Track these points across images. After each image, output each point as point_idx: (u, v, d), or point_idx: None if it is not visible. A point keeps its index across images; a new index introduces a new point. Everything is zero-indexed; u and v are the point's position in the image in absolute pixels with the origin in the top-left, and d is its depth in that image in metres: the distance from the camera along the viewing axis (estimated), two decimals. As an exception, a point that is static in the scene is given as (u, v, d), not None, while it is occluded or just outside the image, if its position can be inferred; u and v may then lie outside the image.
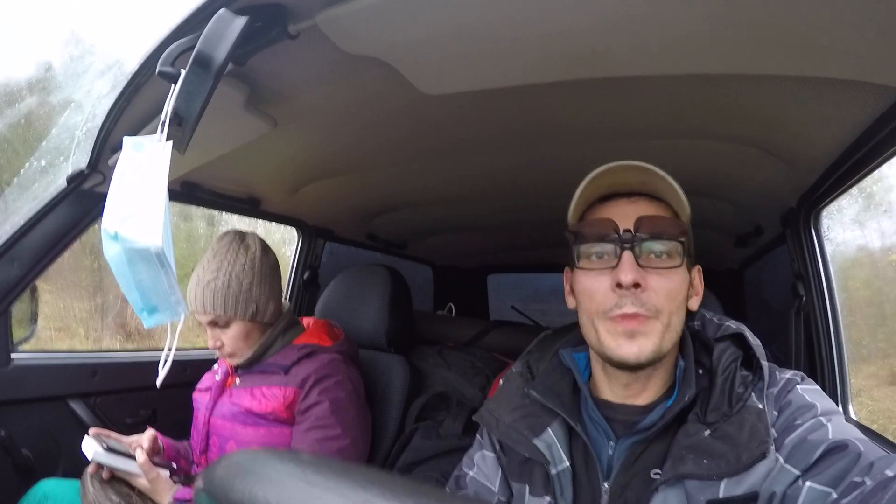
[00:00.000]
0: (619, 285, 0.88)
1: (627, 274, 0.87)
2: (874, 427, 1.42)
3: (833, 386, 1.50)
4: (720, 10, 0.79)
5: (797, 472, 0.79)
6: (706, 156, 1.48)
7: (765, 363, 0.91)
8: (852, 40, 0.83)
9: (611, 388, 0.98)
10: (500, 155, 1.61)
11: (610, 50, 0.93)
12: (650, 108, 1.23)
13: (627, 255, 0.89)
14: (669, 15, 0.81)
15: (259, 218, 2.26)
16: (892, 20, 0.77)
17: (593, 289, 0.92)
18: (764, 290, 2.52)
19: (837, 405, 1.47)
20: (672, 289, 0.90)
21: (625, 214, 0.92)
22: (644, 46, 0.91)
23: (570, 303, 1.01)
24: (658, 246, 0.90)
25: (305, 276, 2.55)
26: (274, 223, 2.40)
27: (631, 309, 0.87)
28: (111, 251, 0.82)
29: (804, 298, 1.60)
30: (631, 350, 0.88)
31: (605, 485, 0.92)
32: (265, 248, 1.62)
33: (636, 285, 0.87)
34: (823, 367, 1.52)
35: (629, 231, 0.90)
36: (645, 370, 0.92)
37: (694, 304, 0.98)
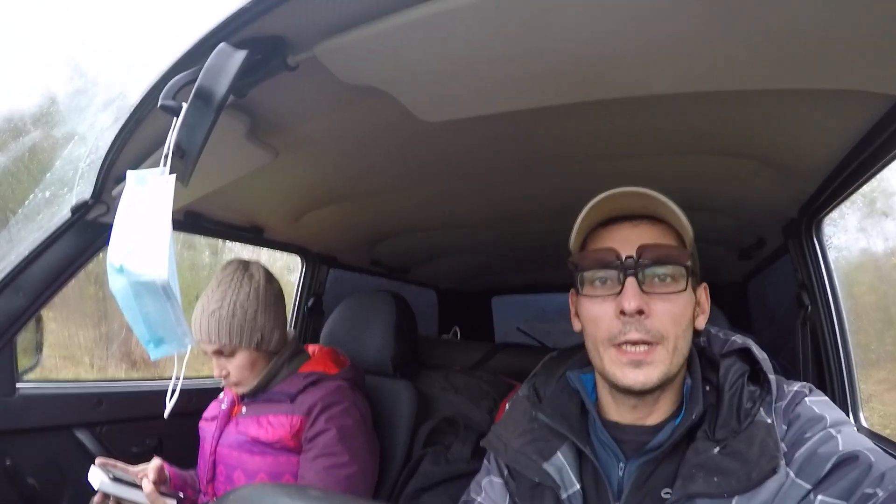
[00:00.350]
0: (623, 312, 0.88)
1: (631, 301, 0.87)
2: (886, 432, 1.41)
3: (843, 394, 1.49)
4: (714, 29, 0.80)
5: (808, 486, 0.79)
6: (707, 171, 1.48)
7: (772, 377, 0.90)
8: (845, 50, 0.84)
9: (618, 411, 0.97)
10: (501, 179, 1.62)
11: (607, 72, 0.94)
12: (650, 127, 1.24)
13: (631, 282, 0.89)
14: (665, 36, 0.82)
15: (262, 246, 2.27)
16: (883, 28, 0.78)
17: (598, 316, 0.92)
18: (769, 302, 2.51)
19: (848, 413, 1.46)
20: (677, 313, 0.89)
21: (627, 239, 0.92)
22: (642, 67, 0.92)
23: (576, 325, 1.00)
24: (662, 270, 0.90)
25: (310, 304, 2.55)
26: (277, 251, 2.40)
27: (635, 336, 0.87)
28: (117, 284, 0.82)
29: (809, 308, 1.60)
30: (637, 378, 0.88)
31: None
32: (269, 277, 1.62)
33: (640, 312, 0.87)
34: (832, 376, 1.51)
35: (632, 257, 0.90)
36: (653, 394, 0.92)
37: (700, 322, 0.98)
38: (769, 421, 0.86)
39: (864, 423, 1.50)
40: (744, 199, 1.67)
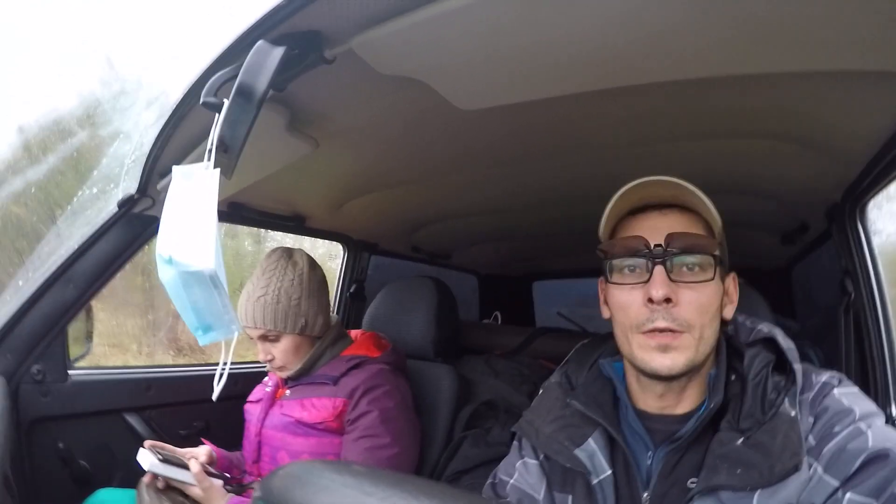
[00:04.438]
0: (650, 300, 0.88)
1: (659, 289, 0.87)
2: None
3: (885, 385, 1.45)
4: (753, 11, 0.79)
5: (836, 484, 0.78)
6: (747, 154, 1.46)
7: (797, 366, 0.89)
8: (888, 31, 0.82)
9: (645, 400, 0.98)
10: (539, 165, 1.62)
11: (645, 58, 0.93)
12: (688, 111, 1.23)
13: (659, 270, 0.89)
14: (702, 20, 0.81)
15: (304, 234, 2.31)
16: None
17: (626, 303, 0.92)
18: (813, 289, 2.45)
19: (890, 405, 1.42)
20: (704, 303, 0.89)
21: (656, 228, 0.92)
22: (678, 52, 0.91)
23: (605, 313, 1.01)
24: (690, 259, 0.90)
25: (352, 290, 2.58)
26: (319, 238, 2.44)
27: (662, 324, 0.88)
28: (166, 275, 0.85)
29: (853, 296, 1.56)
30: (664, 363, 0.88)
31: (645, 494, 0.92)
32: (312, 264, 1.66)
33: (667, 300, 0.87)
34: (875, 366, 1.47)
35: (660, 246, 0.90)
36: (679, 381, 0.92)
37: (728, 312, 0.97)
38: (793, 413, 0.85)
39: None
40: (785, 182, 1.64)
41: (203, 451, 1.55)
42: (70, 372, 1.72)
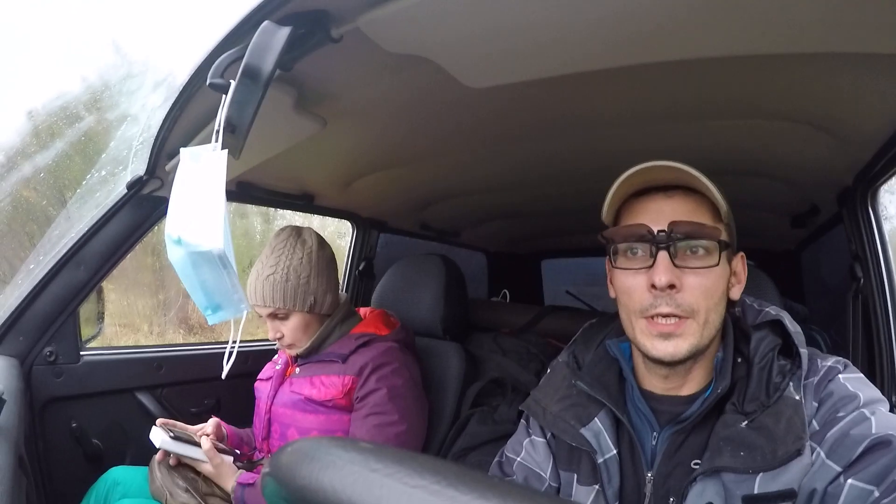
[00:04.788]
0: (654, 286, 0.88)
1: (662, 276, 0.87)
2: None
3: (892, 372, 1.44)
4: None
5: (838, 469, 0.78)
6: (758, 135, 1.44)
7: (803, 350, 0.89)
8: None
9: (651, 381, 0.98)
10: (548, 142, 1.61)
11: (655, 36, 0.92)
12: (699, 90, 1.21)
13: (663, 256, 0.88)
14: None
15: (313, 213, 2.31)
16: None
17: (630, 288, 0.92)
18: (823, 272, 2.44)
19: None
20: (709, 287, 0.89)
21: (660, 212, 0.91)
22: (690, 31, 0.90)
23: (612, 292, 1.01)
24: (694, 244, 0.89)
25: (361, 268, 2.59)
26: (328, 217, 2.44)
27: (666, 309, 0.87)
28: (175, 255, 0.86)
29: (862, 281, 1.55)
30: (666, 350, 0.88)
31: (649, 474, 0.93)
32: (321, 242, 1.66)
33: (671, 286, 0.87)
34: (882, 353, 1.47)
35: (664, 232, 0.89)
36: (684, 364, 0.92)
37: (736, 293, 0.97)
38: (797, 398, 0.85)
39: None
40: (797, 165, 1.62)
41: (211, 423, 1.57)
42: (82, 353, 1.74)
